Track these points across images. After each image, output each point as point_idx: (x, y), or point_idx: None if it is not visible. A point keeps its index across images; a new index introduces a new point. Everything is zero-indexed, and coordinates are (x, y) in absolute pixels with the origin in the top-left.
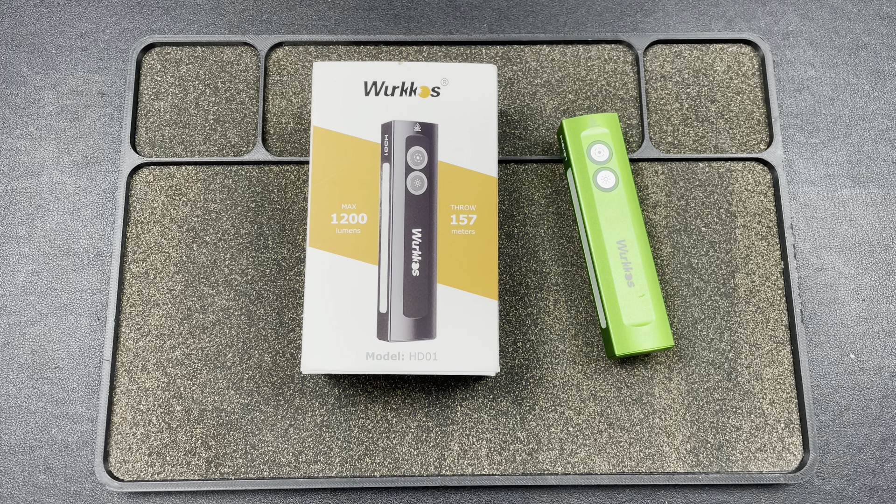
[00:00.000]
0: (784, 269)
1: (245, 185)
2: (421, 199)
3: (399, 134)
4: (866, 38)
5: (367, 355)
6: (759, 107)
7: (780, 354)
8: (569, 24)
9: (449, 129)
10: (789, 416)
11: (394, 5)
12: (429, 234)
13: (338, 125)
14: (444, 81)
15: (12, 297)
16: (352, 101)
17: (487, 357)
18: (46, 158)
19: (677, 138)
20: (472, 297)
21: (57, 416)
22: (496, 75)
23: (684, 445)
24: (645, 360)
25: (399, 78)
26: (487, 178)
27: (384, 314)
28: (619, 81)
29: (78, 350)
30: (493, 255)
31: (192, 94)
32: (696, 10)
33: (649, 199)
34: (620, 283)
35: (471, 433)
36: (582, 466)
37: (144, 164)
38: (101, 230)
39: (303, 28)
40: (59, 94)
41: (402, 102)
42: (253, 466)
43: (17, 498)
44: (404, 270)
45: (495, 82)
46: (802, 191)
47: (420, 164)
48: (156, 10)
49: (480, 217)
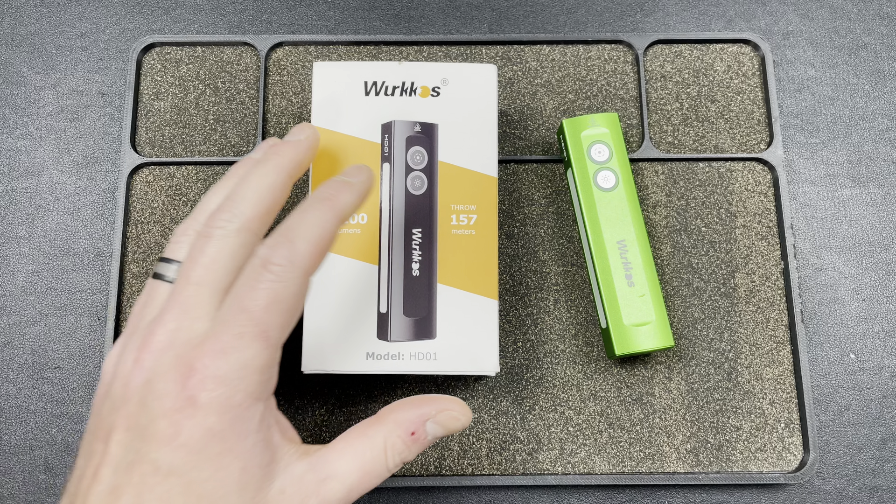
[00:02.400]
0: (784, 269)
1: None
2: (421, 199)
3: (399, 134)
4: (866, 38)
5: (367, 355)
6: (759, 107)
7: (780, 354)
8: (569, 24)
9: (449, 129)
10: (789, 416)
11: (394, 5)
12: (429, 234)
13: (338, 125)
14: (444, 81)
15: (12, 297)
16: (352, 101)
17: (488, 357)
18: (46, 158)
19: (677, 138)
20: (472, 297)
21: (57, 416)
22: (496, 75)
23: (684, 445)
24: (645, 360)
25: (399, 78)
26: (488, 178)
27: (384, 314)
28: (619, 81)
29: (78, 350)
30: (494, 255)
31: (193, 94)
32: (696, 10)
33: (649, 199)
34: (620, 283)
35: (471, 433)
36: (582, 466)
37: (144, 164)
38: (101, 230)
39: (303, 28)
40: (59, 94)
41: (403, 102)
42: None
43: (17, 498)
44: (404, 270)
45: (495, 82)
46: (802, 191)
47: (420, 164)
48: (156, 10)
49: (480, 217)
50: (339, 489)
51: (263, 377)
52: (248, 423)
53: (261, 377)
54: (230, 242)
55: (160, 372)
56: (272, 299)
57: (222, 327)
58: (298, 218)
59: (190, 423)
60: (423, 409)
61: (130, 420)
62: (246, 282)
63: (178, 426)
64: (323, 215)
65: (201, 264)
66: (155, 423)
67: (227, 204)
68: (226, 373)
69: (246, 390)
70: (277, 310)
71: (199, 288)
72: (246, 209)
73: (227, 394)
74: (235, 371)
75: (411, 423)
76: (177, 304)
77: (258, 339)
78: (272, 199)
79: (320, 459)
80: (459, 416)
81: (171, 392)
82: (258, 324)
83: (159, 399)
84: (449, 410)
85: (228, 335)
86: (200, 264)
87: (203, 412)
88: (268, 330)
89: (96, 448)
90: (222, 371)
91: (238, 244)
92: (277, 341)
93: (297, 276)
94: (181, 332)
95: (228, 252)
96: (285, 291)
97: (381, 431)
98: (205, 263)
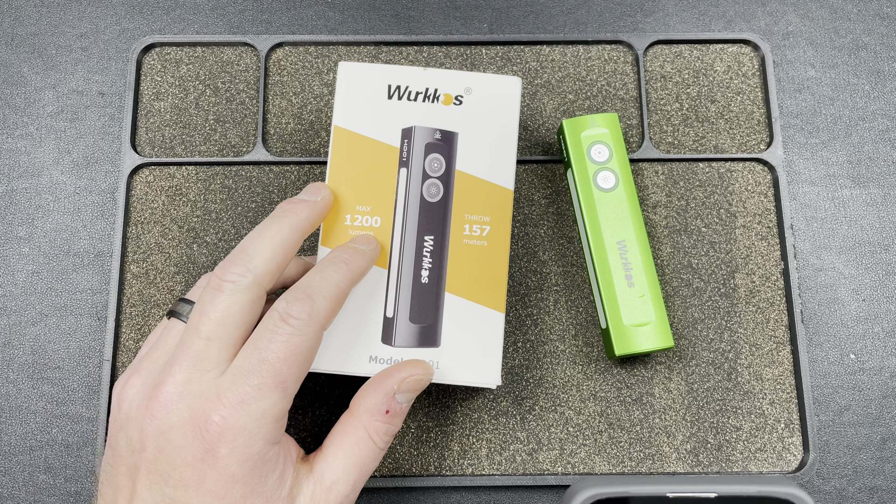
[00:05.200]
0: (784, 269)
1: (245, 186)
2: (435, 206)
3: (419, 140)
4: (866, 38)
5: (371, 358)
6: (759, 107)
7: (780, 354)
8: (569, 24)
9: (469, 139)
10: (789, 416)
11: (394, 5)
12: (440, 242)
13: (358, 126)
14: (467, 91)
15: (12, 297)
16: (374, 104)
17: (490, 370)
18: (46, 158)
19: (677, 138)
20: (479, 309)
21: (57, 416)
22: (521, 87)
23: (684, 445)
24: (645, 360)
25: (423, 84)
26: (504, 191)
27: (390, 319)
28: (619, 81)
29: (78, 350)
30: (504, 268)
31: (192, 94)
32: (696, 11)
33: (649, 199)
34: (620, 284)
35: (471, 433)
36: (582, 466)
37: (144, 164)
38: (102, 230)
39: (303, 28)
40: (59, 94)
41: (424, 109)
42: None
43: (17, 498)
44: (413, 277)
45: (519, 94)
46: (802, 191)
47: (437, 171)
48: (156, 10)
49: (494, 228)
50: (344, 488)
51: (279, 424)
52: (267, 465)
53: (277, 424)
54: (241, 298)
55: (174, 424)
56: (291, 351)
57: (241, 379)
58: (318, 277)
59: (213, 472)
60: (385, 386)
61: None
62: (265, 334)
63: (202, 475)
64: (341, 276)
65: (212, 319)
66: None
67: (240, 257)
68: (244, 424)
69: (264, 438)
70: (295, 362)
71: (209, 342)
72: (259, 265)
73: (247, 443)
74: (254, 421)
75: (381, 405)
76: (187, 357)
77: (276, 390)
78: (284, 255)
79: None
80: (421, 375)
81: (190, 444)
82: (277, 374)
83: (178, 450)
84: (410, 376)
85: (248, 386)
86: (212, 319)
87: (224, 462)
88: (286, 381)
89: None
90: (241, 422)
91: (249, 300)
92: (292, 392)
93: (315, 331)
94: (192, 384)
95: (239, 307)
96: (303, 344)
97: (359, 423)
98: (216, 319)
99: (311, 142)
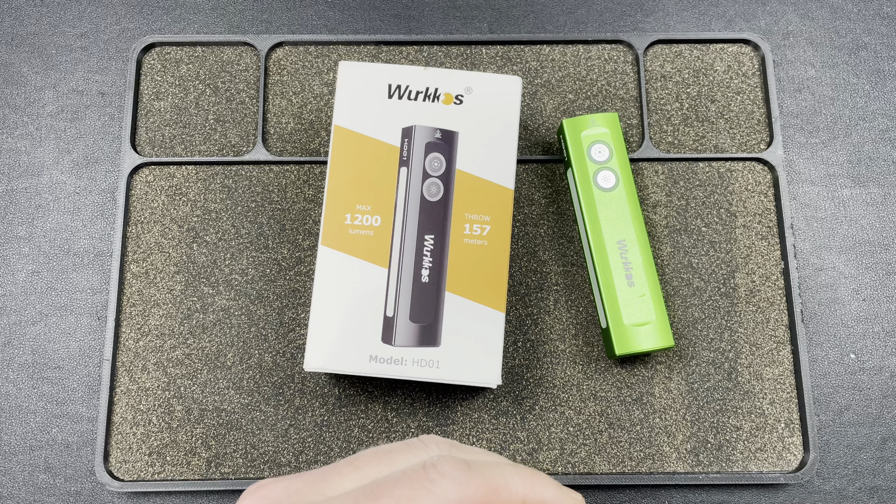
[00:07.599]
0: (784, 268)
1: (245, 185)
2: (436, 205)
3: (419, 139)
4: (866, 38)
5: (371, 358)
6: (760, 107)
7: (780, 354)
8: (569, 24)
9: (469, 138)
10: (789, 416)
11: (394, 5)
12: (441, 242)
13: (359, 126)
14: (468, 90)
15: (12, 297)
16: (374, 103)
17: (490, 369)
18: (46, 158)
19: (677, 138)
20: (479, 308)
21: (57, 415)
22: (521, 87)
23: (684, 445)
24: (645, 360)
25: (423, 83)
26: (504, 190)
27: (390, 318)
28: (619, 81)
29: (78, 350)
30: (504, 267)
31: (192, 94)
32: (696, 10)
33: (649, 198)
34: (620, 283)
35: (471, 433)
36: (582, 466)
37: (144, 163)
38: (101, 230)
39: (303, 28)
40: (59, 94)
41: (425, 108)
42: (253, 466)
43: (17, 498)
44: (413, 276)
45: (519, 94)
46: (802, 191)
47: (438, 170)
48: (156, 10)
49: (494, 228)
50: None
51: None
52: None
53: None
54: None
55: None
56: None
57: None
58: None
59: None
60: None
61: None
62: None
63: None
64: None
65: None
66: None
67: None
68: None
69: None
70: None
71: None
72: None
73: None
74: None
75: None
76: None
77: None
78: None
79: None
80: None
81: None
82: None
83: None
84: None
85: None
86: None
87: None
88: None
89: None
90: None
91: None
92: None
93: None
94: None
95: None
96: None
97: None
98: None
99: (311, 141)
